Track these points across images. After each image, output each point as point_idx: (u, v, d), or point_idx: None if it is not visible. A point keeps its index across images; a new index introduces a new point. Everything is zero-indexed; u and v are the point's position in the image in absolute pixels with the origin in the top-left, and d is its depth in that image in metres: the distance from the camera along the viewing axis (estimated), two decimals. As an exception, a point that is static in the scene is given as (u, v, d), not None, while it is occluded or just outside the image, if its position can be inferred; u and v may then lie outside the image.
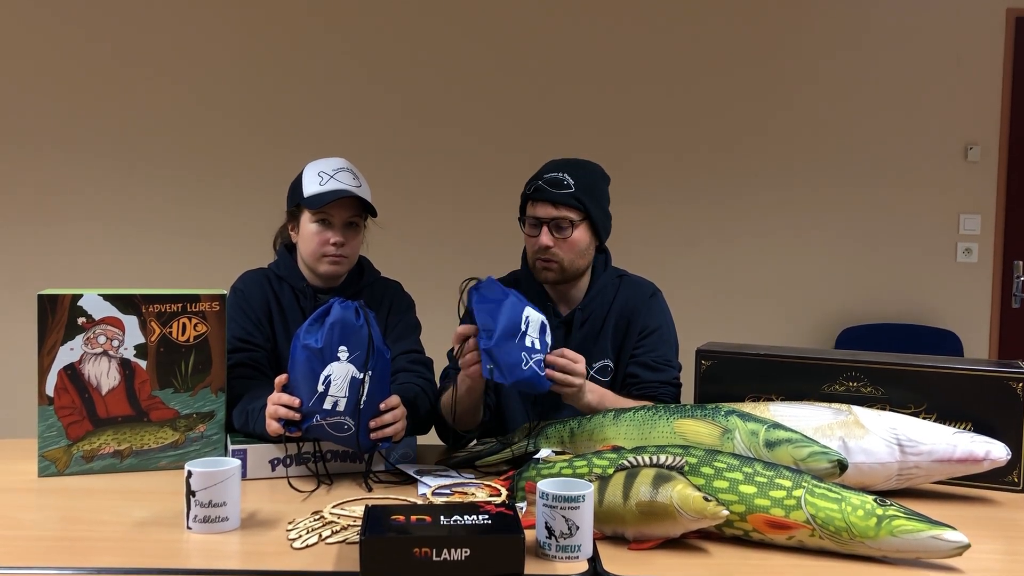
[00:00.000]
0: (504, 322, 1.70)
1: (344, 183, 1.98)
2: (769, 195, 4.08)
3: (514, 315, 1.71)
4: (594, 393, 1.87)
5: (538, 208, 1.96)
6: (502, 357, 1.69)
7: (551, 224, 1.95)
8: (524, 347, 1.71)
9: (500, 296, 1.74)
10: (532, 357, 1.72)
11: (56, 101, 3.94)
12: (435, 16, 4.01)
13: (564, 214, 1.95)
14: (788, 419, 1.65)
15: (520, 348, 1.70)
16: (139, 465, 1.80)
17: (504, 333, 1.70)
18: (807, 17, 4.04)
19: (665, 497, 1.37)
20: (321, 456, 1.77)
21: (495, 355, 1.69)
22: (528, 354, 1.71)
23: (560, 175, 1.96)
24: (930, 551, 1.33)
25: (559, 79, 4.03)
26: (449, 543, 1.25)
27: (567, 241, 1.96)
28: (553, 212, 1.95)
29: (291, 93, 3.98)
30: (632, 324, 2.05)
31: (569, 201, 1.94)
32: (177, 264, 3.95)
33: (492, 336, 1.69)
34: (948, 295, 4.08)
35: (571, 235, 1.96)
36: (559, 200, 1.94)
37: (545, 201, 1.95)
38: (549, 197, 1.94)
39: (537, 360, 1.72)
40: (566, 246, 1.96)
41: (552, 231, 1.95)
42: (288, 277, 2.06)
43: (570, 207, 1.95)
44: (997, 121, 4.03)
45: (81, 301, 1.75)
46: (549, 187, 1.95)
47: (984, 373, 1.72)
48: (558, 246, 1.95)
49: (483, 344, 1.70)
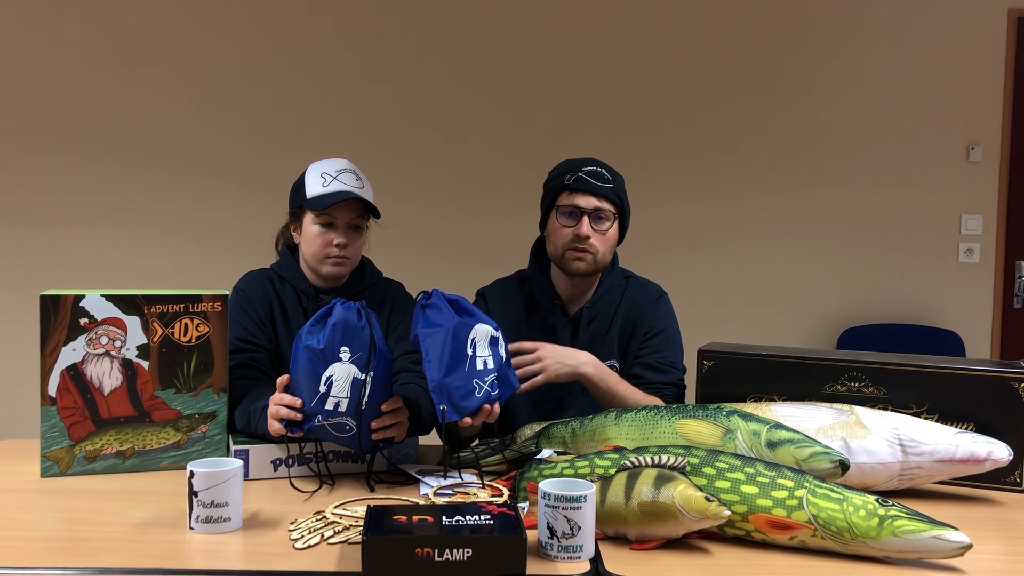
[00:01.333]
0: (449, 354, 1.64)
1: (347, 184, 1.98)
2: (771, 196, 4.08)
3: (459, 341, 1.65)
4: (589, 364, 1.91)
5: (578, 198, 1.97)
6: (454, 392, 1.64)
7: (592, 215, 1.97)
8: (475, 372, 1.66)
9: (446, 320, 1.67)
10: (485, 380, 1.67)
11: (59, 103, 3.94)
12: (438, 18, 4.01)
13: (605, 206, 1.97)
14: (790, 419, 1.65)
15: (471, 376, 1.66)
16: (141, 465, 1.80)
17: (451, 365, 1.64)
18: (808, 19, 4.04)
19: (667, 497, 1.37)
20: (323, 456, 1.77)
21: (448, 389, 1.64)
22: (480, 379, 1.66)
23: (600, 169, 1.99)
24: (932, 551, 1.33)
25: (563, 82, 4.03)
26: (451, 543, 1.25)
27: (604, 234, 1.98)
28: (595, 203, 1.96)
29: (293, 94, 3.99)
30: (638, 325, 2.05)
31: (610, 195, 1.97)
32: (179, 265, 3.95)
33: (440, 369, 1.64)
34: (950, 295, 4.08)
35: (608, 229, 1.98)
36: (601, 192, 1.96)
37: (587, 192, 1.97)
38: (591, 188, 1.96)
39: (491, 380, 1.68)
40: (603, 239, 1.98)
41: (592, 222, 1.97)
42: (290, 278, 2.06)
43: (611, 201, 1.98)
44: (999, 121, 4.03)
45: (83, 302, 1.75)
46: (592, 179, 1.97)
47: (986, 373, 1.72)
48: (595, 238, 1.97)
49: (431, 376, 1.64)
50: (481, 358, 1.67)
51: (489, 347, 1.69)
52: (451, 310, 1.69)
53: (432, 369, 1.65)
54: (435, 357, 1.65)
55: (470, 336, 1.67)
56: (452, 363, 1.65)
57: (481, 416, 1.69)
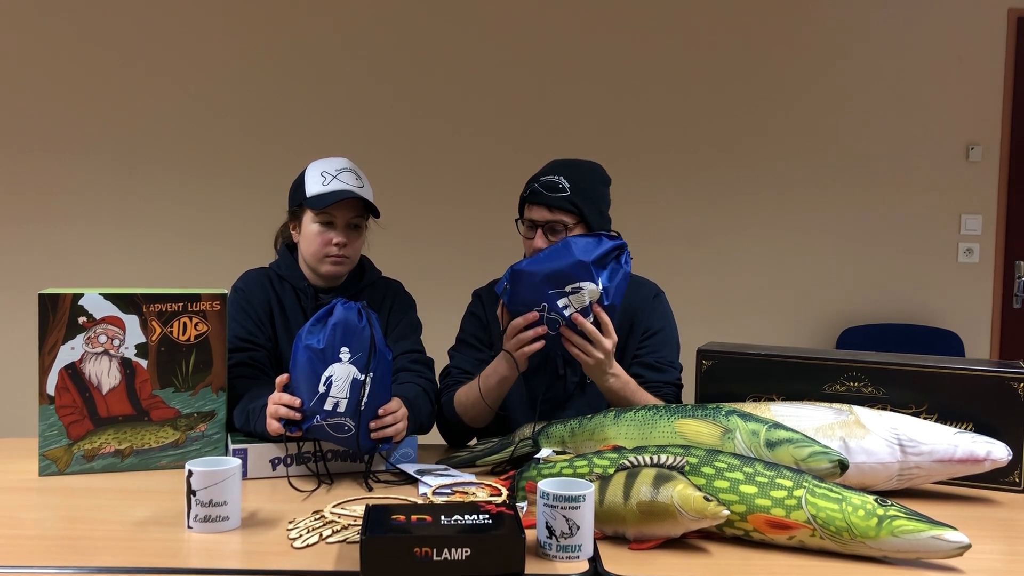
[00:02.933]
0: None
1: (347, 184, 1.98)
2: (770, 195, 4.08)
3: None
4: (619, 379, 1.86)
5: (533, 211, 1.96)
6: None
7: (545, 227, 1.94)
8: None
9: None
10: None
11: (57, 102, 3.94)
12: (436, 15, 4.00)
13: (558, 217, 1.93)
14: (789, 419, 1.65)
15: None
16: (140, 464, 1.80)
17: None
18: (809, 19, 4.03)
19: (666, 497, 1.37)
20: (322, 456, 1.77)
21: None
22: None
23: (556, 178, 1.95)
24: (931, 551, 1.33)
25: (562, 78, 4.03)
26: (450, 543, 1.25)
27: None
28: (548, 215, 1.94)
29: (291, 92, 3.99)
30: (636, 325, 2.05)
31: (563, 205, 1.93)
32: (178, 263, 3.95)
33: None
34: (949, 295, 4.08)
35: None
36: (553, 203, 1.93)
37: (540, 204, 1.94)
38: (544, 200, 1.94)
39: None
40: None
41: (547, 234, 1.94)
42: (289, 276, 2.06)
43: (564, 211, 1.93)
44: (998, 121, 4.03)
45: (82, 300, 1.75)
46: (544, 190, 1.94)
47: (985, 373, 1.72)
48: None
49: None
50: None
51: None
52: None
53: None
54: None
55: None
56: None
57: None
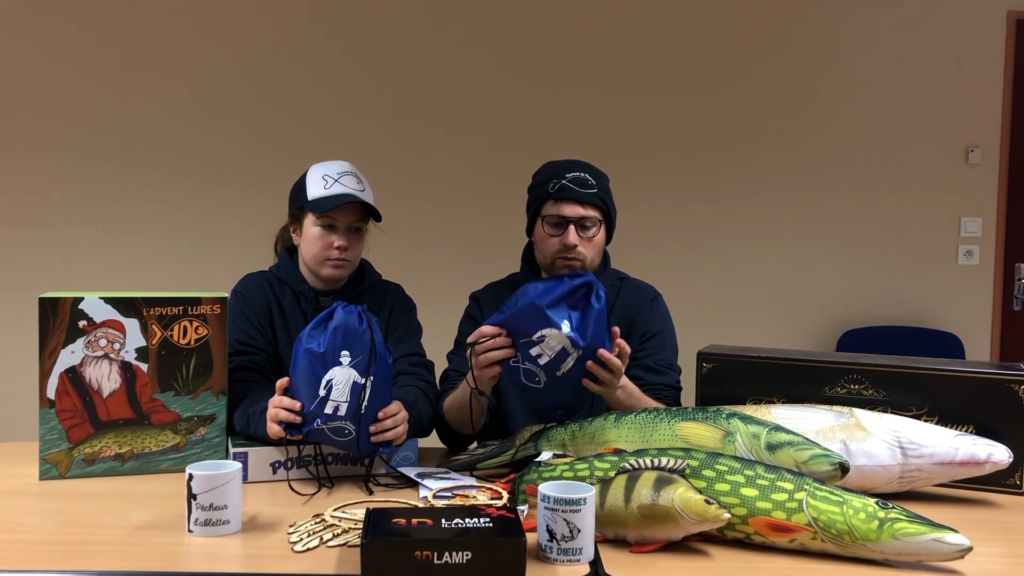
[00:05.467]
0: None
1: (349, 187, 1.98)
2: (770, 198, 4.08)
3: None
4: (624, 391, 1.85)
5: (563, 207, 1.95)
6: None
7: (577, 223, 1.95)
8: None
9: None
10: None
11: (58, 105, 3.94)
12: (435, 20, 4.01)
13: (591, 213, 1.95)
14: (789, 422, 1.65)
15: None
16: (140, 468, 1.80)
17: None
18: (809, 22, 4.04)
19: (667, 500, 1.37)
20: (322, 459, 1.77)
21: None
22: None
23: (583, 175, 1.96)
24: (932, 554, 1.32)
25: (560, 82, 4.03)
26: (450, 546, 1.25)
27: (591, 241, 1.96)
28: (580, 211, 1.94)
29: (291, 96, 3.99)
30: (634, 328, 2.05)
31: (595, 201, 1.95)
32: (178, 267, 3.95)
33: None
34: (949, 298, 4.08)
35: (595, 235, 1.97)
36: (586, 200, 1.94)
37: (572, 200, 1.94)
38: (576, 196, 1.94)
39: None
40: (590, 245, 1.96)
41: (578, 231, 1.95)
42: (289, 280, 2.06)
43: (595, 207, 1.95)
44: (998, 123, 4.03)
45: (82, 304, 1.75)
46: (576, 186, 1.95)
47: (985, 376, 1.72)
48: (582, 245, 1.95)
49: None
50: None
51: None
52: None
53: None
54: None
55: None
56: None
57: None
